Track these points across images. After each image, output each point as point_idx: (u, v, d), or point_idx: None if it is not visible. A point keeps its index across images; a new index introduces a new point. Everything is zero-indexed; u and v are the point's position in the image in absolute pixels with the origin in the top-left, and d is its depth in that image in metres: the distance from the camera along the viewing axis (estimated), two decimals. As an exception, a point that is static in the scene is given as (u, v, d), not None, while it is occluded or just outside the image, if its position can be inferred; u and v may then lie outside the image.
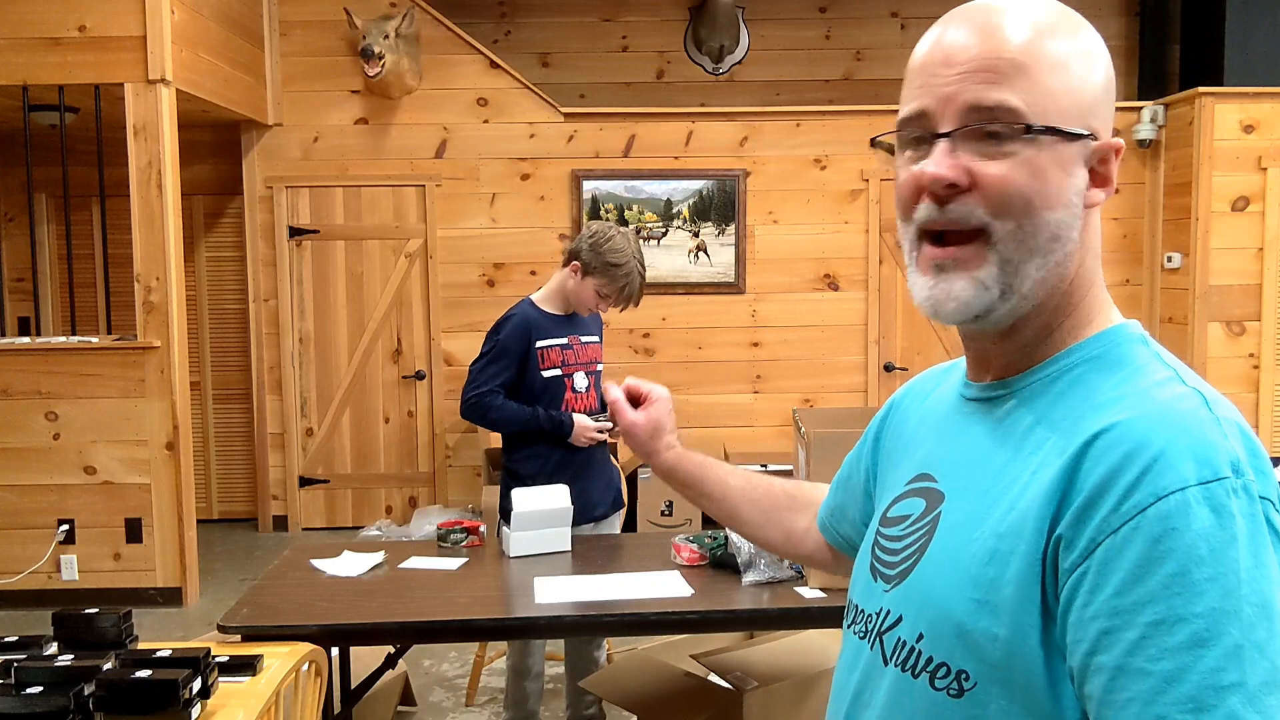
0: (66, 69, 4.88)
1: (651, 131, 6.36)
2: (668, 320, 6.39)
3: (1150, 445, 0.77)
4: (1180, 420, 0.79)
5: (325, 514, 6.46)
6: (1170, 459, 0.76)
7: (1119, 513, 0.76)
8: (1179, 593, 0.73)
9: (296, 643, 2.34)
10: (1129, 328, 0.91)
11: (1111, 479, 0.77)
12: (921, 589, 0.90)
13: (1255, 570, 0.74)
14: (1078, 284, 0.91)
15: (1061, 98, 0.88)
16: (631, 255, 3.12)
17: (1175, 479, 0.75)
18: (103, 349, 4.96)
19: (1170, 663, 0.73)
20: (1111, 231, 6.47)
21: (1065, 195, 0.88)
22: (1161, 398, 0.82)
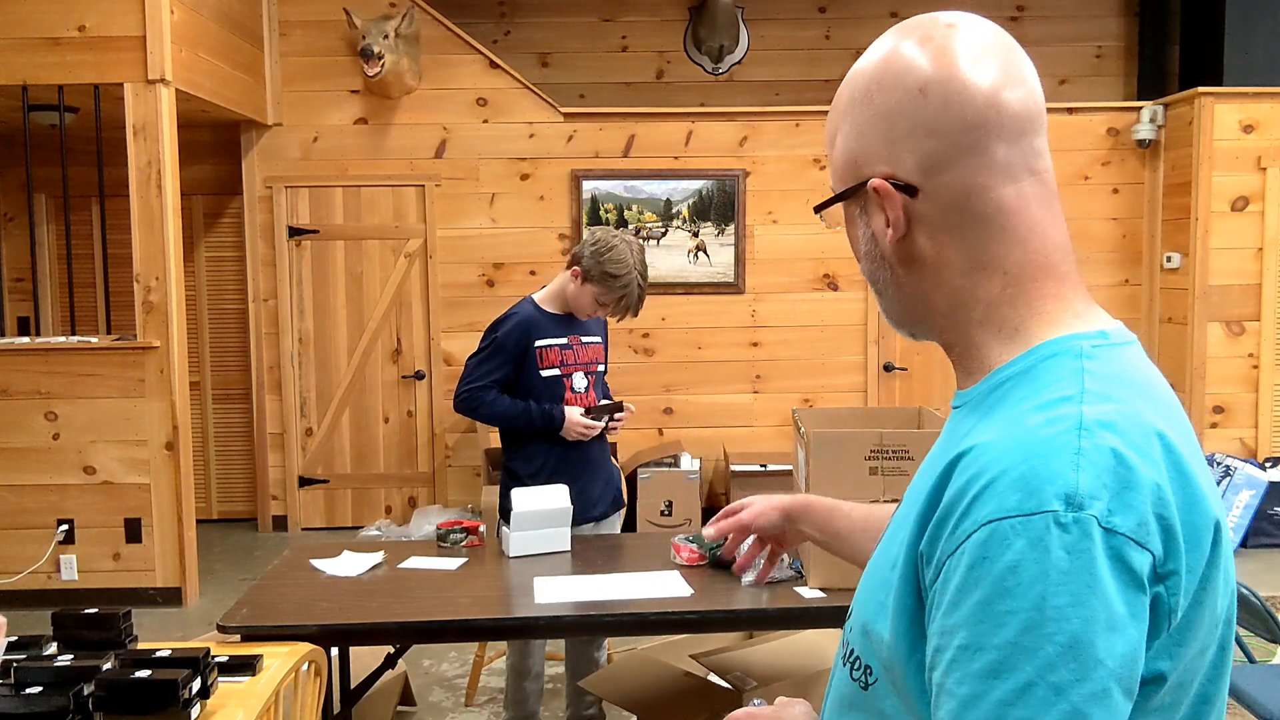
0: (66, 69, 4.88)
1: (651, 131, 6.36)
2: (667, 320, 6.39)
3: (988, 470, 0.77)
4: (1028, 447, 0.77)
5: (325, 514, 6.46)
6: (998, 487, 0.75)
7: (954, 535, 0.77)
8: (982, 621, 0.74)
9: (296, 643, 2.34)
10: (1067, 342, 0.85)
11: (956, 500, 0.78)
12: (861, 588, 0.94)
13: (1070, 609, 0.72)
14: (973, 307, 0.89)
15: (839, 161, 0.94)
16: (632, 267, 3.09)
17: (996, 508, 0.75)
18: (102, 349, 4.96)
19: (968, 688, 0.74)
20: (1111, 231, 6.48)
21: (861, 245, 0.95)
22: (1029, 421, 0.79)
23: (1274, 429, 6.21)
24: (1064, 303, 0.88)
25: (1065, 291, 0.88)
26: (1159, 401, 0.84)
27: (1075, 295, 0.89)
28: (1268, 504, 5.69)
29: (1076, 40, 7.06)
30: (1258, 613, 2.75)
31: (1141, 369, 0.87)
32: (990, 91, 0.86)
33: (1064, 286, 0.89)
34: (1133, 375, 0.84)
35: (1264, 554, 5.65)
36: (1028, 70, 0.91)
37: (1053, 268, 0.88)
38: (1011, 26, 7.05)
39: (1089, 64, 7.08)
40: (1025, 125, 0.88)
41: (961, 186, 0.87)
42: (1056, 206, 0.91)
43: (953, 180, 0.87)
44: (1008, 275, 0.88)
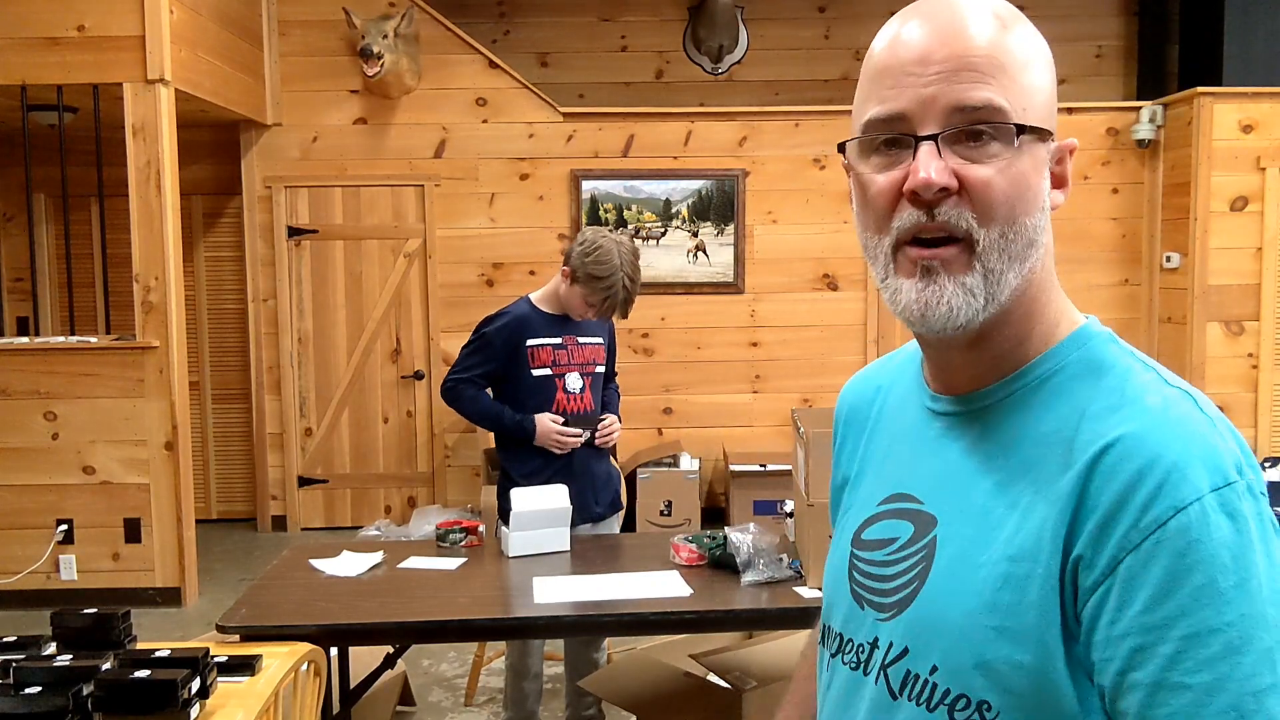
0: (65, 69, 4.87)
1: (650, 131, 6.36)
2: (666, 320, 6.39)
3: (1162, 457, 0.76)
4: (1184, 428, 0.78)
5: (324, 514, 6.46)
6: (1183, 469, 0.76)
7: (1139, 528, 0.75)
8: (1209, 603, 0.73)
9: (295, 643, 2.34)
10: (1094, 326, 0.90)
11: (1127, 494, 0.76)
12: (929, 619, 0.86)
13: (1271, 570, 0.74)
14: (1041, 288, 0.88)
15: (1035, 96, 0.86)
16: (617, 269, 3.06)
17: (1191, 490, 0.75)
18: (102, 349, 4.96)
19: (1208, 674, 0.72)
20: (1110, 231, 6.48)
21: (1040, 198, 0.86)
22: (1156, 404, 0.81)
23: (1273, 429, 6.21)
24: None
25: None
26: None
27: None
28: (1267, 504, 5.69)
29: (1076, 40, 7.06)
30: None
31: None
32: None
33: None
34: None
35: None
36: None
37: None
38: (1011, 26, 7.04)
39: (1089, 64, 7.09)
40: None
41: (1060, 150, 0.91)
42: None
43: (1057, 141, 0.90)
44: (1048, 254, 0.90)
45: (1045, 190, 0.87)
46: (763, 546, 2.73)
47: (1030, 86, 0.85)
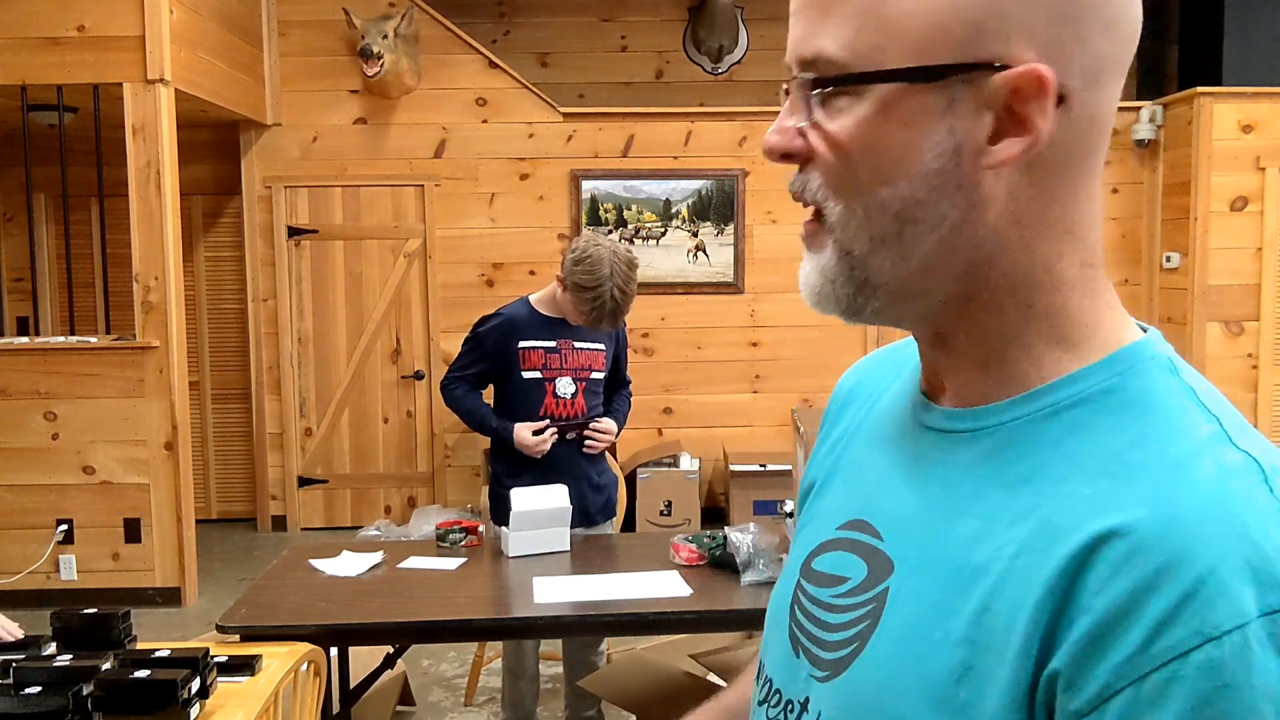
0: (65, 69, 4.88)
1: (650, 131, 6.36)
2: (666, 320, 6.39)
3: (1195, 557, 0.54)
4: (1234, 516, 0.55)
5: (324, 514, 6.46)
6: (1224, 580, 0.53)
7: (1149, 654, 0.53)
8: None
9: (295, 643, 2.34)
10: (1151, 347, 0.65)
11: (1136, 603, 0.54)
12: (867, 695, 0.65)
13: None
14: (1034, 282, 0.65)
15: (904, 23, 0.62)
16: (605, 279, 3.01)
17: (1231, 612, 0.52)
18: (101, 349, 4.96)
19: None
20: (1110, 231, 6.48)
21: (912, 162, 0.63)
22: (1206, 474, 0.57)
23: (1273, 429, 6.22)
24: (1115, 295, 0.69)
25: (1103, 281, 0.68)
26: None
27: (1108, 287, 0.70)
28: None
29: (1076, 40, 7.06)
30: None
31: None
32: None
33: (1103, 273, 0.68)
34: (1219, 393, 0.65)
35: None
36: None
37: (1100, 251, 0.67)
38: (1011, 26, 7.05)
39: (1088, 64, 7.08)
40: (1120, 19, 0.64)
41: (1102, 113, 0.64)
42: None
43: (1099, 101, 0.63)
44: (1087, 251, 0.66)
45: (932, 148, 0.62)
46: (763, 546, 2.73)
47: (896, 13, 0.62)
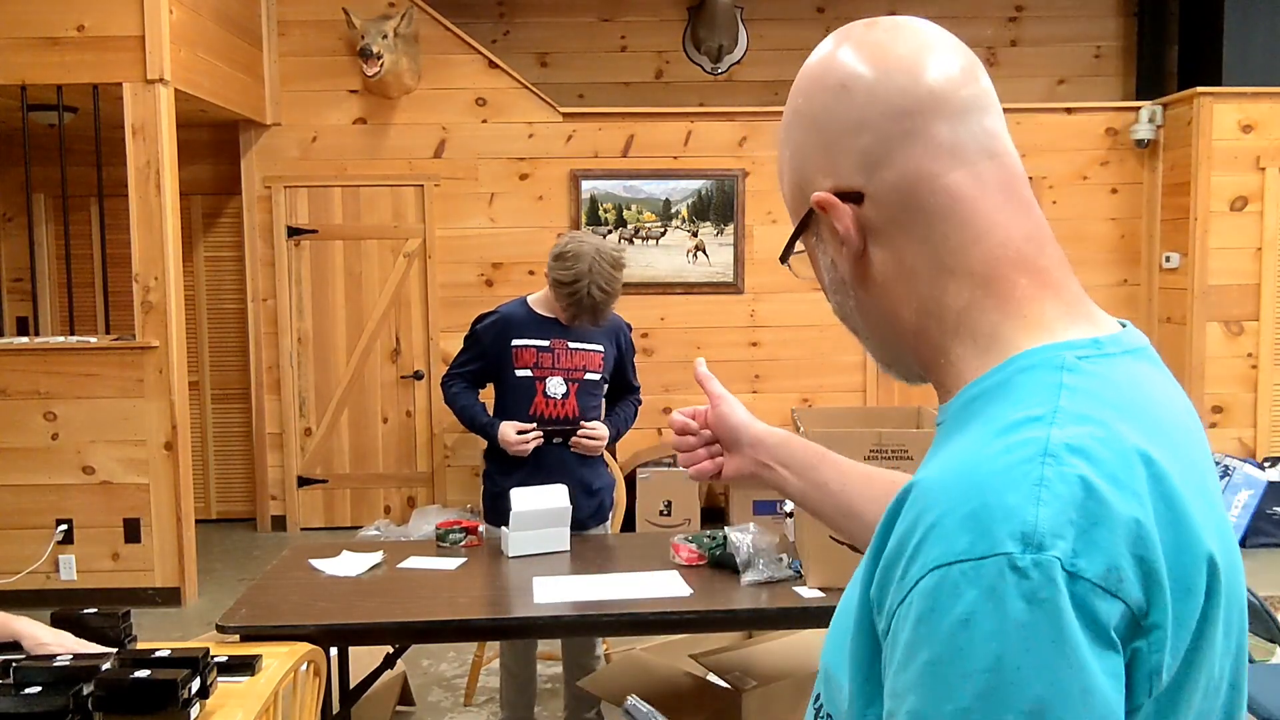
0: (65, 69, 4.87)
1: (650, 131, 6.36)
2: (666, 320, 6.39)
3: (935, 507, 0.66)
4: (981, 478, 0.66)
5: (324, 514, 6.46)
6: (946, 526, 0.65)
7: (903, 582, 0.66)
8: (932, 685, 0.63)
9: (295, 643, 2.34)
10: (1047, 353, 0.74)
11: (904, 541, 0.67)
12: (831, 624, 0.82)
13: (1032, 670, 0.61)
14: (933, 317, 0.79)
15: (788, 196, 0.86)
16: (584, 274, 3.00)
17: (944, 551, 0.64)
18: (101, 349, 4.96)
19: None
20: (1110, 231, 6.48)
21: (823, 281, 0.86)
22: (989, 446, 0.68)
23: (1273, 429, 6.22)
24: (1043, 304, 0.77)
25: (1044, 290, 0.77)
26: (1158, 421, 0.72)
27: (1061, 294, 0.78)
28: (1266, 504, 5.70)
29: (1075, 40, 7.06)
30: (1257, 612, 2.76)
31: (1142, 382, 0.75)
32: (917, 72, 0.78)
33: (1042, 284, 0.77)
34: (1127, 390, 0.73)
35: (1263, 553, 5.66)
36: (963, 52, 0.81)
37: (1026, 261, 0.77)
38: (1010, 26, 7.06)
39: (1088, 64, 7.09)
40: (969, 103, 0.78)
41: (906, 179, 0.78)
42: (1026, 193, 0.80)
43: (895, 174, 0.78)
44: (974, 275, 0.77)
45: (825, 265, 0.84)
46: (762, 546, 2.73)
47: (785, 188, 0.85)
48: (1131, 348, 0.77)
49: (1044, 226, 0.80)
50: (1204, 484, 0.73)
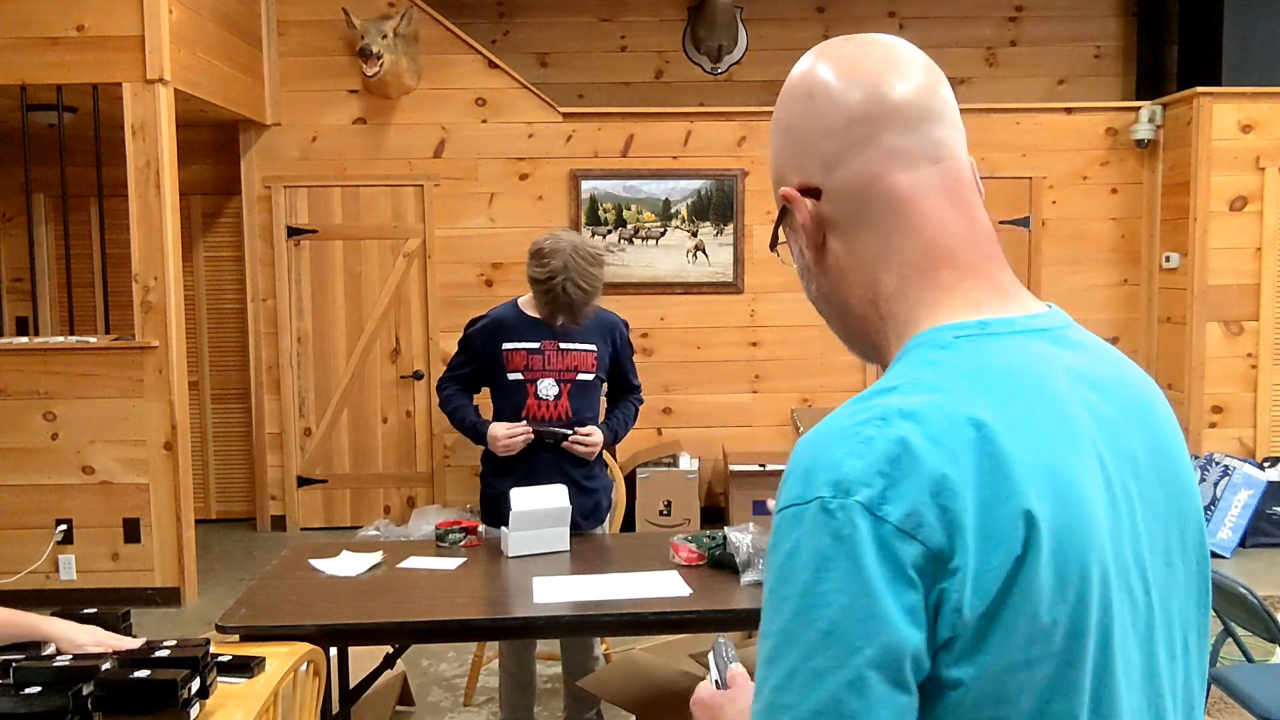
0: (64, 69, 4.87)
1: (650, 131, 6.36)
2: (666, 320, 6.39)
3: (791, 462, 0.80)
4: (821, 436, 0.79)
5: (323, 514, 6.46)
6: (791, 478, 0.78)
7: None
8: (769, 608, 0.76)
9: (295, 643, 2.34)
10: (936, 333, 0.85)
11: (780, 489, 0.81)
12: None
13: (831, 594, 0.72)
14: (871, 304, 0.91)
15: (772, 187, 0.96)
16: (559, 271, 2.97)
17: (785, 497, 0.77)
18: (101, 349, 4.96)
19: (759, 674, 0.77)
20: (1109, 231, 6.48)
21: (796, 265, 0.97)
22: (843, 411, 0.81)
23: (1272, 428, 6.22)
24: (958, 292, 0.87)
25: (963, 281, 0.87)
26: (1018, 393, 0.80)
27: (979, 283, 0.87)
28: (1266, 504, 5.70)
29: (1075, 40, 7.06)
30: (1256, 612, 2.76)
31: (1014, 360, 0.83)
32: (875, 84, 0.88)
33: (962, 275, 0.87)
34: (992, 366, 0.81)
35: (1262, 553, 5.66)
36: (924, 69, 0.90)
37: (952, 255, 0.87)
38: (1010, 26, 7.06)
39: (1087, 64, 7.09)
40: (920, 115, 0.88)
41: (857, 178, 0.88)
42: (967, 196, 0.89)
43: (849, 173, 0.88)
44: (904, 266, 0.88)
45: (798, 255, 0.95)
46: (762, 546, 2.73)
47: (772, 183, 0.96)
48: (1030, 329, 0.86)
49: (979, 225, 0.89)
50: (1077, 450, 0.80)
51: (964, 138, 0.92)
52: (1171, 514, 0.88)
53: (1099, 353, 0.90)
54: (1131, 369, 0.92)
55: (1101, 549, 0.78)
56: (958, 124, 0.91)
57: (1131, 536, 0.82)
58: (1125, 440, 0.85)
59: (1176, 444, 0.91)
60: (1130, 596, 0.81)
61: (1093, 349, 0.90)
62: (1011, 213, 6.42)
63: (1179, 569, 0.88)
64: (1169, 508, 0.88)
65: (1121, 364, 0.91)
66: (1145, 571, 0.83)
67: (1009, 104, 6.52)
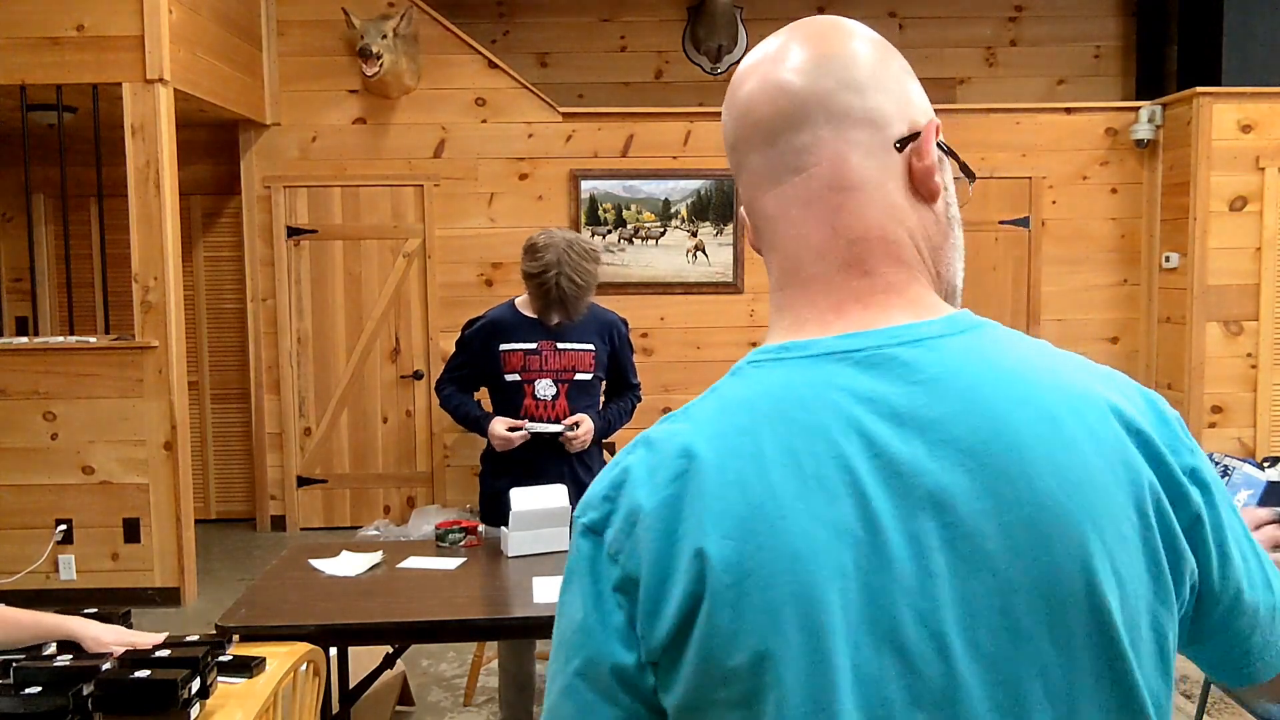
0: (64, 68, 4.87)
1: (650, 131, 6.36)
2: (666, 320, 6.39)
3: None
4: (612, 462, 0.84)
5: (323, 514, 6.45)
6: (586, 498, 0.83)
7: None
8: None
9: (295, 643, 2.34)
10: (756, 351, 0.83)
11: None
12: None
13: (563, 605, 0.81)
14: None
15: None
16: (551, 265, 2.98)
17: (577, 512, 0.83)
18: (101, 349, 4.96)
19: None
20: (1109, 231, 6.48)
21: None
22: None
23: (1272, 428, 6.22)
24: (789, 312, 0.83)
25: (801, 297, 0.82)
26: (759, 424, 0.76)
27: (814, 300, 0.82)
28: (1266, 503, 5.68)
29: (1075, 40, 7.06)
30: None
31: (780, 388, 0.78)
32: (736, 110, 0.86)
33: (804, 290, 0.82)
34: (752, 394, 0.79)
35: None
36: (805, 68, 0.82)
37: (799, 271, 0.83)
38: (1010, 26, 7.06)
39: (1087, 64, 7.09)
40: (783, 125, 0.82)
41: (746, 204, 0.88)
42: (831, 200, 0.81)
43: (744, 199, 0.89)
44: (772, 286, 0.87)
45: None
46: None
47: None
48: (835, 350, 0.78)
49: (841, 230, 0.81)
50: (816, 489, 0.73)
51: (851, 125, 0.81)
52: (1028, 577, 0.72)
53: (945, 381, 0.76)
54: (1010, 406, 0.75)
55: (817, 598, 0.71)
56: (841, 115, 0.81)
57: (918, 593, 0.71)
58: (928, 482, 0.73)
59: (1064, 499, 0.73)
60: (901, 659, 0.71)
61: (933, 377, 0.76)
62: (1011, 213, 6.42)
63: (1039, 641, 0.72)
64: (1024, 569, 0.72)
65: (983, 399, 0.75)
66: (945, 635, 0.71)
67: (1009, 104, 6.52)
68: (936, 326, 0.79)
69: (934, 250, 0.84)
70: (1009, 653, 0.72)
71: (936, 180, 0.83)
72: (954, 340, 0.78)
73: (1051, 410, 0.75)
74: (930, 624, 0.71)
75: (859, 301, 0.80)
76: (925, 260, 0.83)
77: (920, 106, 0.86)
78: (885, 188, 0.82)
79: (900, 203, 0.82)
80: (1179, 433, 0.79)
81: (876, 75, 0.83)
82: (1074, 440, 0.74)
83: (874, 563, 0.71)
